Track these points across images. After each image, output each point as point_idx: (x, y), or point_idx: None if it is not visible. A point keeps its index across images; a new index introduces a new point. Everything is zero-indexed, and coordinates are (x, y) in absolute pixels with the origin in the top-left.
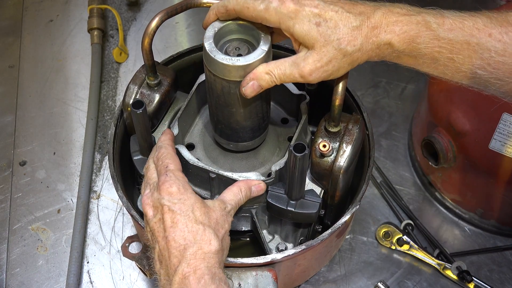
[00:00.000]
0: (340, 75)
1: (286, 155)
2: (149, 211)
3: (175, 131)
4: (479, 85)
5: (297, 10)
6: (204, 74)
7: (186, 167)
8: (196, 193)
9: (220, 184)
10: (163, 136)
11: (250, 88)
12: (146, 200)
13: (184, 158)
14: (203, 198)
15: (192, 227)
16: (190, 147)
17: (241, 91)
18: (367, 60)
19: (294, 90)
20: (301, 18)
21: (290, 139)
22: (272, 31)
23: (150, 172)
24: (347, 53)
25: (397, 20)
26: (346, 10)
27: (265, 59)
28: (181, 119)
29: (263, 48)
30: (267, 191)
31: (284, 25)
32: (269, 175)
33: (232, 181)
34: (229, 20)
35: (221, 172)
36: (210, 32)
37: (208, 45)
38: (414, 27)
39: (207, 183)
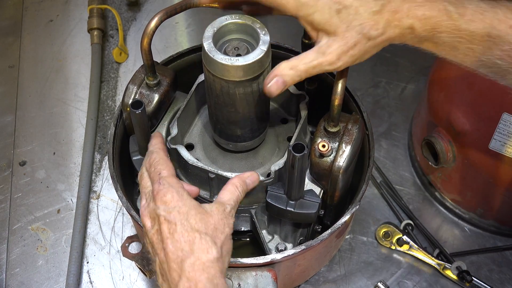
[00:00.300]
0: (365, 59)
1: (286, 155)
2: (147, 223)
3: (174, 131)
4: (497, 74)
5: None
6: (203, 74)
7: (186, 167)
8: None
9: (220, 184)
10: (153, 140)
11: (274, 86)
12: (143, 212)
13: (183, 158)
14: (203, 198)
15: (188, 236)
16: (190, 147)
17: (264, 90)
18: (391, 43)
19: (294, 90)
20: (321, 6)
21: (289, 139)
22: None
23: (144, 180)
24: (371, 37)
25: (419, 5)
26: None
27: (264, 59)
28: (180, 119)
29: (262, 48)
30: (266, 191)
31: (302, 12)
32: (268, 175)
33: None
34: (228, 20)
35: (221, 172)
36: (209, 32)
37: (207, 45)
38: (436, 14)
39: (206, 183)
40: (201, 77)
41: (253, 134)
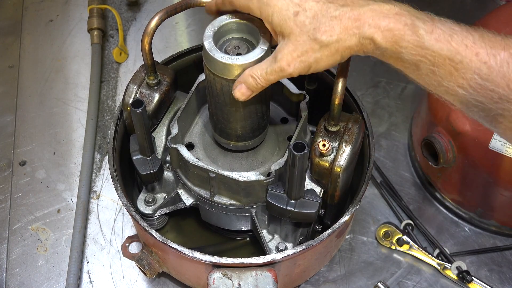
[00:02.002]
0: (322, 68)
1: (286, 154)
2: None
3: (175, 130)
4: (462, 104)
5: None
6: (203, 73)
7: (186, 167)
8: (196, 193)
9: (220, 183)
10: None
11: (238, 92)
12: None
13: (184, 158)
14: (203, 198)
15: None
16: (190, 146)
17: (232, 93)
18: (352, 54)
19: (294, 89)
20: (280, 7)
21: (289, 138)
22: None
23: None
24: (323, 43)
25: (384, 16)
26: (328, 1)
27: (264, 59)
28: (181, 119)
29: (262, 47)
30: (267, 190)
31: (264, 13)
32: (268, 174)
33: (232, 180)
34: (228, 14)
35: (221, 171)
36: (209, 31)
37: (208, 43)
38: (401, 27)
39: (206, 183)
40: (202, 77)
41: (253, 133)
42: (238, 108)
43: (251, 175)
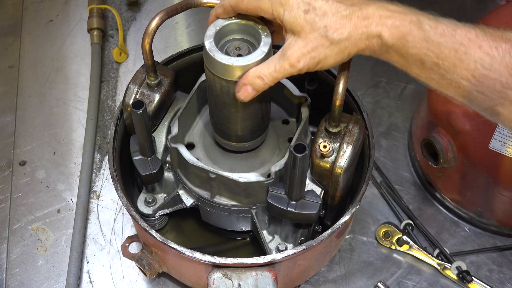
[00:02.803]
0: (329, 65)
1: (286, 155)
2: None
3: (175, 129)
4: (464, 97)
5: None
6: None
7: (186, 167)
8: (196, 193)
9: (220, 184)
10: None
11: (243, 93)
12: None
13: (184, 158)
14: (203, 198)
15: None
16: (190, 146)
17: (236, 95)
18: (358, 53)
19: (296, 91)
20: (291, 5)
21: (290, 140)
22: (273, 30)
23: None
24: (334, 41)
25: (391, 15)
26: (337, 1)
27: (265, 60)
28: (181, 118)
29: (263, 49)
30: (267, 191)
31: (276, 12)
32: (269, 175)
33: (232, 181)
34: (230, 20)
35: (221, 172)
36: (211, 31)
37: (208, 44)
38: (407, 24)
39: (207, 183)
40: (203, 77)
41: (254, 134)
42: (238, 109)
43: (251, 176)
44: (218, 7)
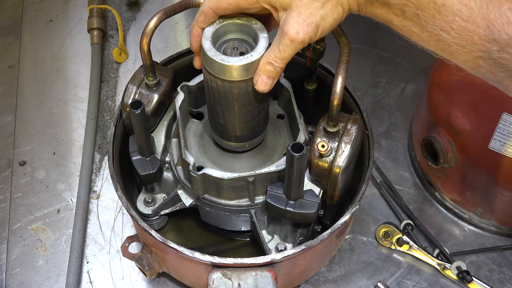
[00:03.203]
0: (329, 25)
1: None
2: None
3: (191, 159)
4: (444, 51)
5: None
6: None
7: (220, 185)
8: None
9: (220, 184)
10: None
11: (261, 84)
12: None
13: (217, 177)
14: (210, 202)
15: None
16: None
17: (256, 89)
18: (350, 10)
19: (284, 82)
20: None
21: (280, 116)
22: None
23: None
24: None
25: None
26: None
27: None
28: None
29: (260, 49)
30: (266, 191)
31: None
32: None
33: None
34: (226, 20)
35: (258, 171)
36: (208, 31)
37: (206, 44)
38: None
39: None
40: (180, 98)
41: (253, 134)
42: (236, 109)
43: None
44: (198, 16)
